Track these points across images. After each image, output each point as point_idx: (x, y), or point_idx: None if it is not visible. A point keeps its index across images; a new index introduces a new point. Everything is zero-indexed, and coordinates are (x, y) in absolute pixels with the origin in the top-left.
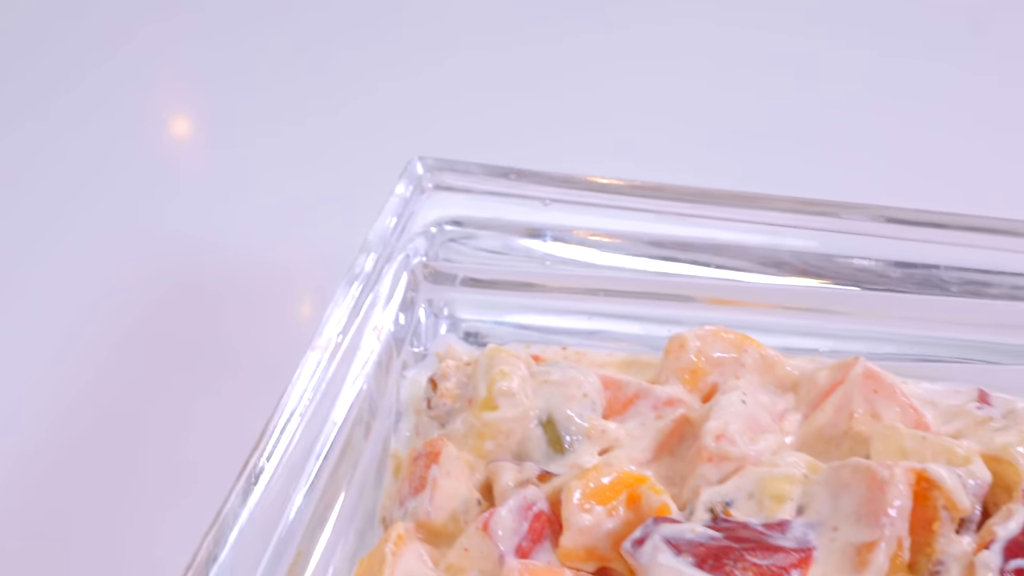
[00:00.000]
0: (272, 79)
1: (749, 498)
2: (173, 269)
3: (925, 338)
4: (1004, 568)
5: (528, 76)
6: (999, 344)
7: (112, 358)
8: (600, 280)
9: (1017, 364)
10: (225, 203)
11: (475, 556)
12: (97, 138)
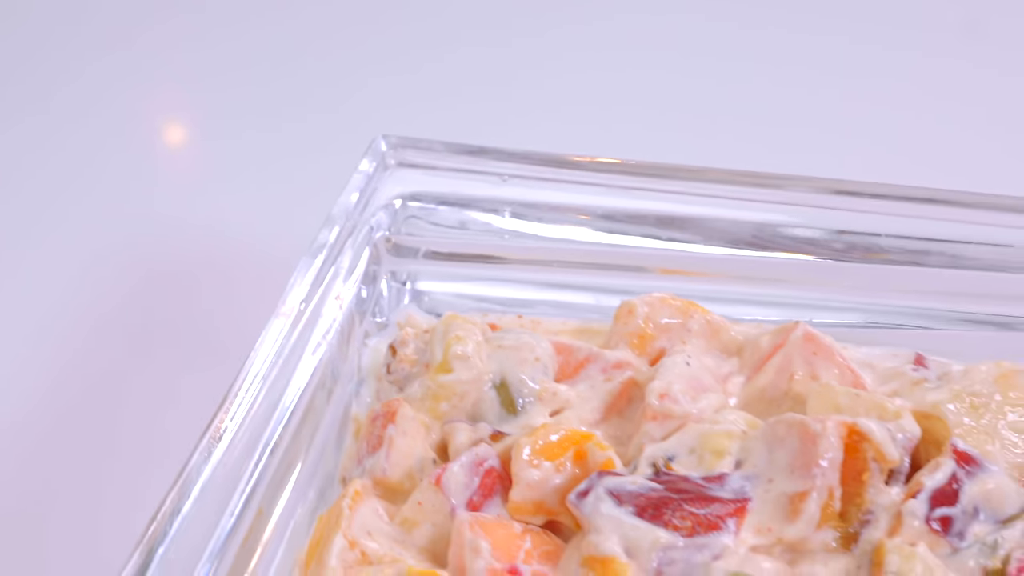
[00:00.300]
0: (253, 75)
1: (690, 453)
2: (154, 253)
3: (867, 305)
4: (930, 516)
5: (510, 67)
6: (938, 310)
7: (93, 338)
8: (556, 252)
9: (954, 329)
10: (207, 191)
11: (428, 510)
12: (87, 133)
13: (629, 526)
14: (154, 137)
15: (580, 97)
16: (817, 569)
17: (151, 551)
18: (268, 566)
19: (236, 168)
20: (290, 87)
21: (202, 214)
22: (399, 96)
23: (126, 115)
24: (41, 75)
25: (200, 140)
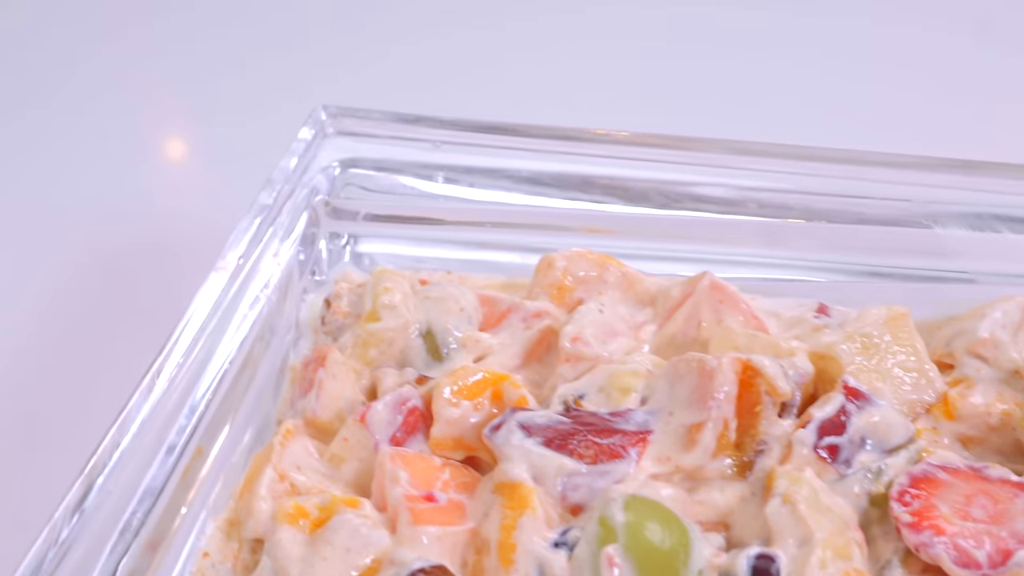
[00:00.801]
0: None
1: (599, 391)
2: (101, 228)
3: (776, 259)
4: (817, 444)
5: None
6: (842, 263)
7: (50, 308)
8: (486, 213)
9: (858, 282)
10: (155, 168)
11: (354, 445)
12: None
13: (536, 455)
14: (95, 115)
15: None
16: (714, 496)
17: (91, 482)
18: (205, 500)
19: (181, 145)
20: (233, 62)
21: (152, 191)
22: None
23: (64, 96)
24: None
25: (139, 117)
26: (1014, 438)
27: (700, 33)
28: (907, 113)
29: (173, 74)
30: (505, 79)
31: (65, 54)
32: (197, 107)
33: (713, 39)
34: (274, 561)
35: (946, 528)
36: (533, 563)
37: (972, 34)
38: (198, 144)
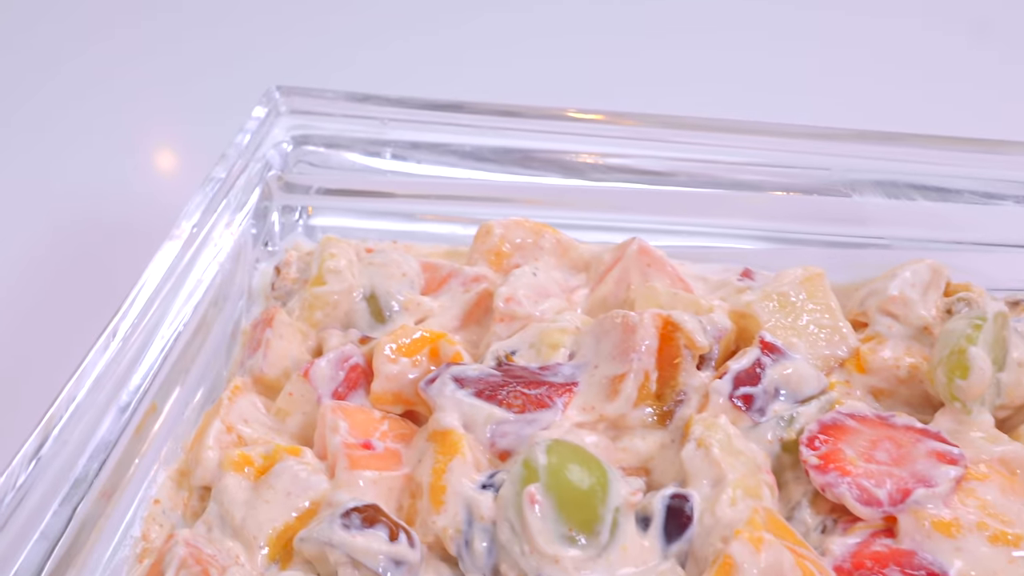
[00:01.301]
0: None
1: (530, 347)
2: (64, 208)
3: (704, 227)
4: (733, 394)
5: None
6: (766, 230)
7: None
8: (432, 187)
9: (782, 248)
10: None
11: (298, 400)
12: None
13: (467, 405)
14: (76, 107)
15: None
16: (636, 443)
17: (47, 433)
18: (157, 453)
19: (156, 138)
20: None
21: (113, 173)
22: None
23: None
24: None
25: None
26: (922, 390)
27: (679, 22)
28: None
29: (156, 72)
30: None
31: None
32: (178, 103)
33: (710, 29)
34: (220, 505)
35: (851, 470)
36: (461, 504)
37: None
38: (173, 136)
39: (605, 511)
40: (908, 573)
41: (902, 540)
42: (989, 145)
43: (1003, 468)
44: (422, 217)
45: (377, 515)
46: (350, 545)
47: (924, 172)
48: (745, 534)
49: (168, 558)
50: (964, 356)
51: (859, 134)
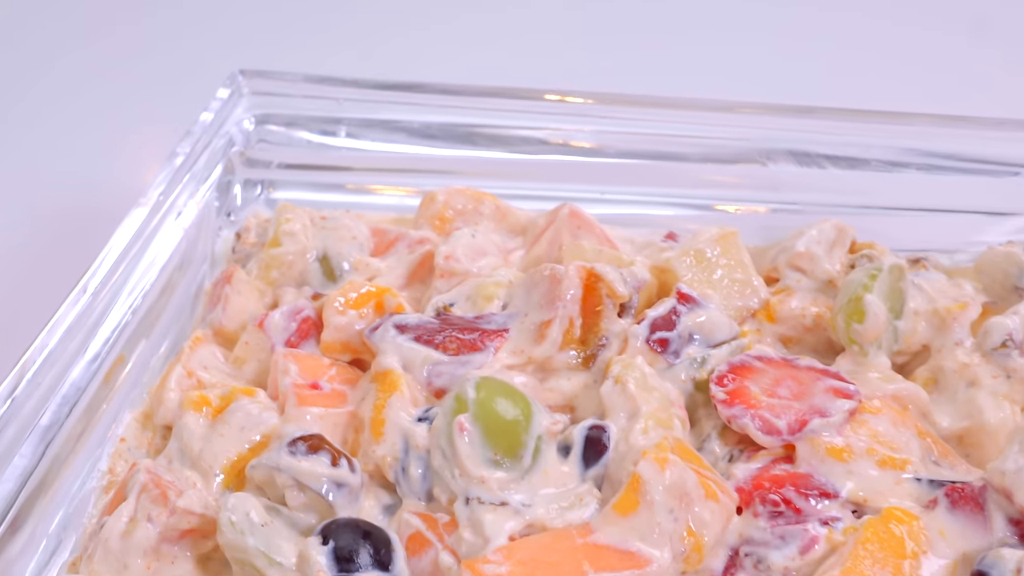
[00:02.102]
0: None
1: (467, 300)
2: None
3: (632, 195)
4: (649, 338)
5: None
6: (689, 197)
7: None
8: (384, 160)
9: (703, 214)
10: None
11: (253, 348)
12: None
13: (407, 348)
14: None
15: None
16: (562, 383)
17: (22, 376)
18: (124, 398)
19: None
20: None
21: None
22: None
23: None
24: None
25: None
26: (826, 337)
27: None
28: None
29: (120, 58)
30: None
31: None
32: (143, 89)
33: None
34: (180, 440)
35: (755, 404)
36: (399, 434)
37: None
38: (142, 122)
39: (528, 438)
40: (803, 492)
41: (799, 465)
42: (893, 117)
43: (895, 403)
44: (373, 189)
45: (321, 443)
46: (296, 469)
47: (833, 142)
48: (652, 455)
49: (131, 484)
50: (861, 302)
51: (773, 108)
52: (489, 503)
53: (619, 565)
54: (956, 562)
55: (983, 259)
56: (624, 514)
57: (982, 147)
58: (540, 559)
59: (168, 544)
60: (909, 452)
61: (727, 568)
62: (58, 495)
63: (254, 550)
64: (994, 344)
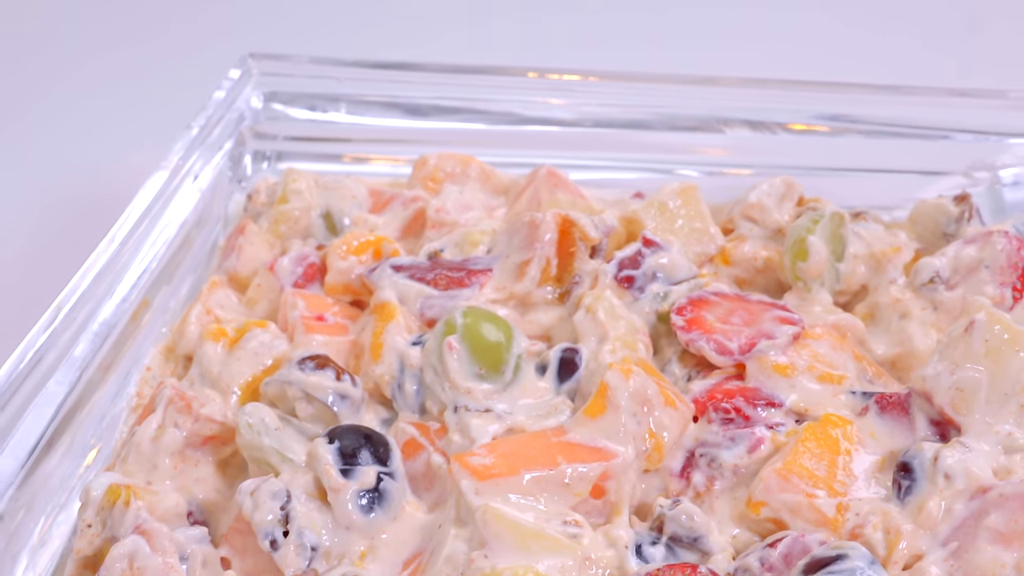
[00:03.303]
0: None
1: (455, 246)
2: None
3: (604, 160)
4: (617, 275)
5: None
6: (655, 161)
7: None
8: (380, 133)
9: (669, 177)
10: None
11: (265, 289)
12: None
13: (402, 284)
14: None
15: None
16: (539, 316)
17: (58, 311)
18: (149, 334)
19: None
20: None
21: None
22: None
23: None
24: None
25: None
26: (775, 278)
27: None
28: None
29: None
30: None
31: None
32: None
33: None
34: (200, 366)
35: (710, 329)
36: (395, 356)
37: None
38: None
39: (509, 356)
40: (751, 402)
41: (748, 381)
42: (836, 87)
43: (835, 331)
44: (369, 159)
45: (326, 361)
46: (305, 382)
47: (784, 110)
48: (617, 366)
49: (158, 398)
50: (804, 243)
51: (730, 80)
52: (475, 410)
53: (588, 458)
54: (884, 458)
55: (916, 210)
56: (593, 417)
57: (916, 113)
58: (519, 453)
59: (192, 449)
60: (846, 371)
61: (684, 467)
62: (92, 414)
63: (269, 448)
64: (923, 280)
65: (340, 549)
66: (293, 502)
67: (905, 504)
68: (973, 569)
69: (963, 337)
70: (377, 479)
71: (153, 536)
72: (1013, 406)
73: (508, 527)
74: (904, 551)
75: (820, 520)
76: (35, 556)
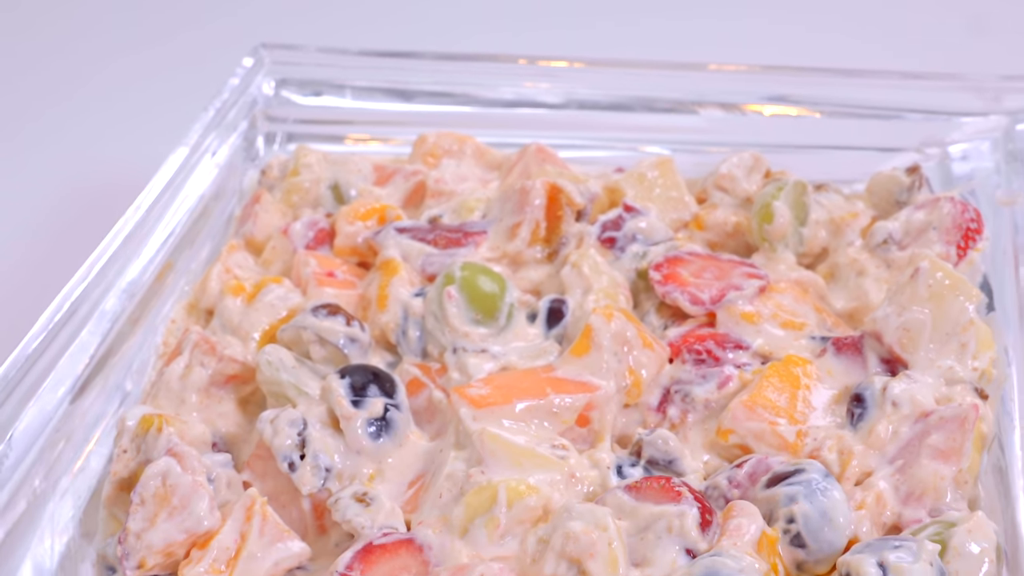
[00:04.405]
0: None
1: (453, 212)
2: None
3: (589, 139)
4: (600, 235)
5: None
6: (636, 139)
7: None
8: (383, 116)
9: (648, 154)
10: None
11: (279, 251)
12: None
13: (405, 243)
14: None
15: None
16: (530, 273)
17: (89, 270)
18: (172, 293)
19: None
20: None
21: None
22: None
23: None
24: None
25: None
26: (744, 241)
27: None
28: None
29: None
30: None
31: None
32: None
33: None
34: (221, 317)
35: (684, 283)
36: (400, 306)
37: None
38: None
39: (503, 305)
40: (721, 345)
41: (719, 327)
42: (800, 72)
43: (797, 286)
44: (371, 141)
45: (338, 309)
46: (318, 327)
47: (752, 92)
48: (600, 311)
49: (185, 342)
50: (769, 208)
51: (702, 66)
52: (472, 351)
53: (574, 390)
54: (840, 392)
55: (872, 181)
56: (579, 356)
57: (873, 95)
58: (512, 385)
59: (216, 387)
60: (807, 320)
61: (660, 402)
62: (122, 360)
63: (287, 383)
64: (877, 242)
65: (351, 471)
66: (309, 429)
67: (857, 429)
68: (916, 482)
69: (909, 283)
70: (384, 409)
71: (184, 457)
72: (954, 344)
73: (503, 446)
74: (856, 468)
75: (782, 445)
76: (75, 480)
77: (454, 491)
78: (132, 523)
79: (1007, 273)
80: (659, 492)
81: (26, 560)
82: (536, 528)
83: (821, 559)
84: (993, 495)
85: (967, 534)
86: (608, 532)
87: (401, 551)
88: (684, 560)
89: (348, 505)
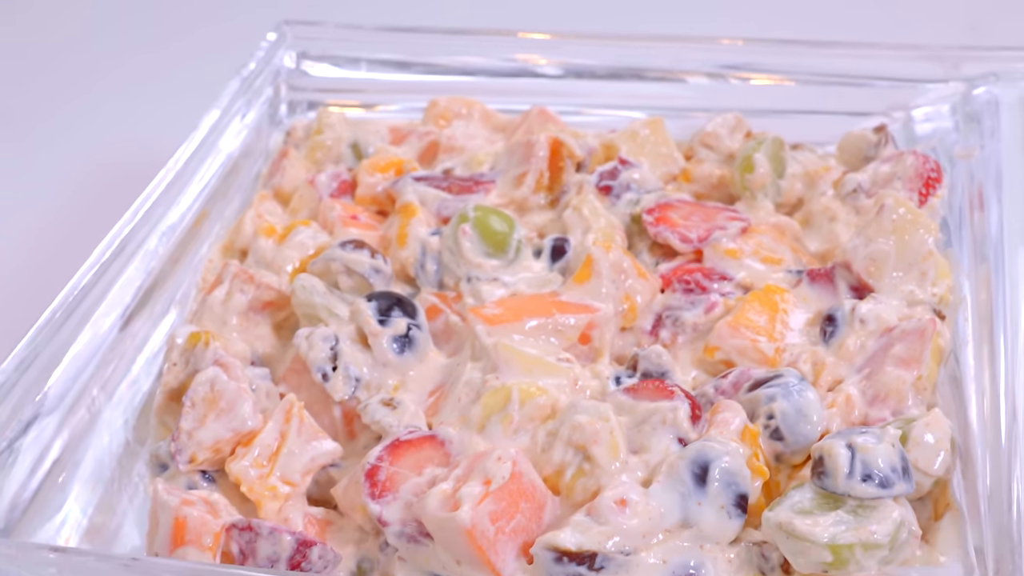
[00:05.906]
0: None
1: (464, 165)
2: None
3: (589, 105)
4: (598, 184)
5: None
6: (630, 105)
7: None
8: (395, 86)
9: (640, 117)
10: None
11: (306, 199)
12: None
13: (421, 190)
14: None
15: None
16: (535, 218)
17: (134, 216)
18: (208, 236)
19: None
20: None
21: None
22: None
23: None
24: None
25: None
26: (728, 192)
27: None
28: None
29: None
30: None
31: None
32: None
33: None
34: (256, 255)
35: (674, 224)
36: (418, 243)
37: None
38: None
39: (512, 240)
40: (708, 276)
41: (705, 262)
42: (776, 43)
43: (776, 229)
44: (385, 109)
45: (363, 244)
46: (346, 258)
47: (734, 61)
48: (600, 243)
49: (225, 273)
50: (750, 160)
51: (689, 38)
52: (485, 280)
53: (577, 311)
54: (814, 316)
55: (844, 140)
56: (580, 283)
57: (843, 64)
58: (522, 306)
59: (254, 312)
60: (784, 256)
61: (653, 326)
62: (165, 293)
63: (320, 305)
64: (848, 191)
65: (378, 382)
66: (340, 344)
67: (829, 345)
68: (881, 387)
69: (875, 218)
70: (407, 328)
71: (229, 367)
72: (915, 272)
73: (515, 355)
74: (828, 377)
75: (762, 359)
76: (129, 392)
77: (471, 395)
78: (184, 423)
79: (964, 216)
80: (654, 391)
81: (87, 456)
82: (545, 424)
83: (797, 451)
84: (949, 400)
85: (925, 427)
86: (610, 423)
87: (425, 445)
88: (677, 447)
89: (376, 408)
